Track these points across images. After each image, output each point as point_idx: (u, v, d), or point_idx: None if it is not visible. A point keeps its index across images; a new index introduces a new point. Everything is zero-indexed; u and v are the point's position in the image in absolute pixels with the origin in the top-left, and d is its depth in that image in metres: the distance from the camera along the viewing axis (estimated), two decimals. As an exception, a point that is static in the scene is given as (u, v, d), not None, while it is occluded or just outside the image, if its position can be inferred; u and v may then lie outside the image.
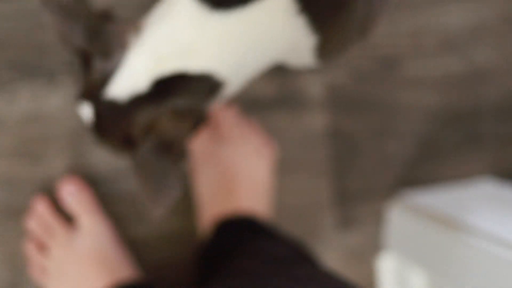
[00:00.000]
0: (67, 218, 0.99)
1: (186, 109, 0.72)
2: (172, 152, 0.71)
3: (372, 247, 1.06)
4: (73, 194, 0.94)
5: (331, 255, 1.05)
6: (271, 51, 0.71)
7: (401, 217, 0.99)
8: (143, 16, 0.96)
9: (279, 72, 1.02)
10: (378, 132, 1.04)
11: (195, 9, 0.67)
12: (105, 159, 0.99)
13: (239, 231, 0.88)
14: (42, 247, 0.94)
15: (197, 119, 0.72)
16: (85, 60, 0.72)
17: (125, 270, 0.92)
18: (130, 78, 0.71)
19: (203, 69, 0.70)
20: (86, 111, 0.73)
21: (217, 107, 0.96)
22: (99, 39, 0.71)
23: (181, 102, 0.71)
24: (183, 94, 0.71)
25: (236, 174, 0.94)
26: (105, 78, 0.71)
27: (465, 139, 1.06)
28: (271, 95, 1.02)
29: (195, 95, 0.73)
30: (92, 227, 0.93)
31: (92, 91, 0.71)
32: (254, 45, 0.69)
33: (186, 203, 1.01)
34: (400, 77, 1.05)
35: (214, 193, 0.94)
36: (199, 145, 0.96)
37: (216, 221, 0.92)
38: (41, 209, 0.95)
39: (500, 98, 1.06)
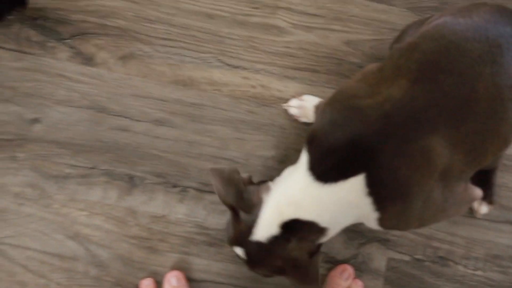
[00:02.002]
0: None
1: (305, 244, 1.03)
2: (303, 271, 1.03)
3: None
4: (176, 277, 1.22)
5: None
6: (351, 214, 1.02)
7: None
8: (270, 180, 1.27)
9: (358, 237, 1.31)
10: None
11: (306, 178, 0.99)
12: (202, 267, 1.27)
13: None
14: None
15: (314, 251, 1.03)
16: (234, 213, 1.03)
17: None
18: (266, 226, 1.01)
19: (310, 218, 1.00)
20: (239, 251, 1.03)
21: (334, 271, 1.26)
22: (244, 199, 1.02)
23: (302, 238, 1.02)
24: (301, 233, 1.02)
25: None
26: (250, 227, 1.01)
27: None
28: (347, 256, 1.31)
29: (309, 235, 1.03)
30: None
31: (241, 236, 1.02)
32: (340, 207, 1.00)
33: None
34: (451, 273, 1.32)
35: None
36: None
37: None
38: (145, 287, 1.23)
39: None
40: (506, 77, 0.98)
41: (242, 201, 1.05)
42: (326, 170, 1.00)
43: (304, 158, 1.03)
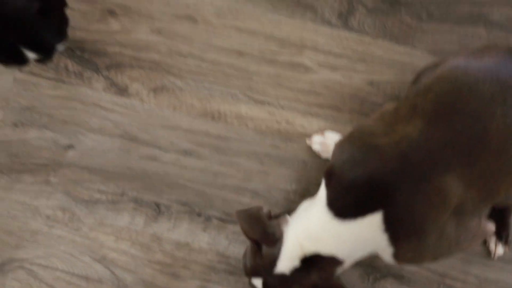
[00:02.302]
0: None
1: (324, 275, 1.08)
2: None
3: None
4: None
5: None
6: (368, 247, 1.06)
7: None
8: (288, 213, 1.32)
9: (373, 272, 1.36)
10: None
11: (325, 214, 1.04)
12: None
13: None
14: None
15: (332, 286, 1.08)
16: (257, 247, 1.08)
17: None
18: (288, 259, 1.07)
19: (329, 251, 1.05)
20: (258, 283, 1.08)
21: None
22: (268, 234, 1.08)
23: (322, 270, 1.07)
24: (321, 265, 1.07)
25: None
26: (273, 259, 1.07)
27: None
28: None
29: (328, 267, 1.08)
30: None
31: (262, 268, 1.07)
32: (357, 242, 1.05)
33: None
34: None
35: None
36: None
37: None
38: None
39: None
40: None
41: (267, 236, 1.10)
42: (345, 207, 1.05)
43: (322, 193, 1.09)
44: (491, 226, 1.19)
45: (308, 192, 1.36)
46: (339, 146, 1.12)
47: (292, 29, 1.44)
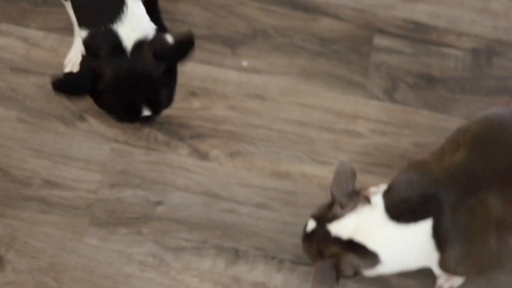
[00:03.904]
0: None
1: (356, 265, 1.24)
2: (337, 272, 1.28)
3: None
4: None
5: None
6: (413, 255, 1.26)
7: None
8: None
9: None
10: None
11: (381, 214, 1.26)
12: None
13: None
14: None
15: (356, 273, 1.29)
16: (333, 201, 1.29)
17: None
18: (343, 227, 1.26)
19: (374, 248, 1.24)
20: (311, 225, 1.26)
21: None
22: (346, 198, 1.27)
23: (356, 257, 1.25)
24: (358, 254, 1.24)
25: None
26: (334, 218, 1.27)
27: None
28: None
29: (363, 259, 1.25)
30: None
31: (323, 219, 1.27)
32: (405, 246, 1.26)
33: None
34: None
35: None
36: None
37: None
38: None
39: None
40: None
41: (344, 198, 1.31)
42: (400, 213, 1.26)
43: (378, 199, 1.30)
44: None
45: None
46: (399, 172, 1.35)
47: (346, 103, 1.72)
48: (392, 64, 1.78)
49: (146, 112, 1.42)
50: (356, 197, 1.33)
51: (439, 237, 1.26)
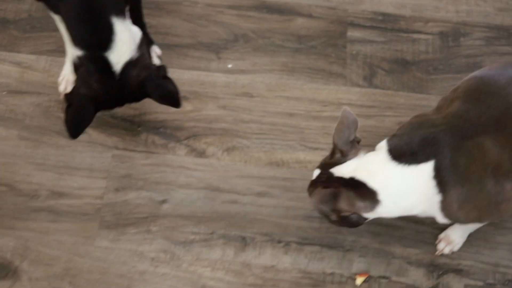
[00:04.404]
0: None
1: (354, 203, 1.34)
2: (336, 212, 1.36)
3: None
4: None
5: None
6: (413, 197, 1.34)
7: None
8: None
9: (436, 270, 1.59)
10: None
11: (385, 155, 1.34)
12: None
13: None
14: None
15: (357, 217, 1.36)
16: (333, 151, 1.37)
17: None
18: (344, 168, 1.35)
19: (374, 186, 1.32)
20: (315, 172, 1.34)
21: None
22: (348, 145, 1.35)
23: (355, 195, 1.33)
24: (360, 193, 1.33)
25: None
26: (337, 163, 1.34)
27: None
28: (430, 285, 1.58)
29: (363, 199, 1.33)
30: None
31: (326, 166, 1.35)
32: (405, 187, 1.33)
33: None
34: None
35: None
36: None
37: None
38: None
39: None
40: None
41: (345, 145, 1.39)
42: (402, 155, 1.35)
43: (383, 144, 1.39)
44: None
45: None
46: (402, 125, 1.44)
47: (329, 92, 1.82)
48: (367, 53, 1.90)
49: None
50: (357, 145, 1.41)
51: (440, 178, 1.34)
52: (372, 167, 1.37)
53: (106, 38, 1.46)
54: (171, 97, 1.53)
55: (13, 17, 1.91)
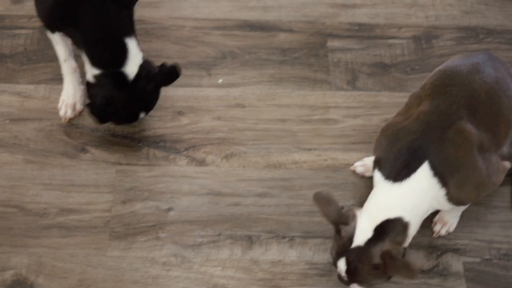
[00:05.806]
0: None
1: (396, 242, 1.37)
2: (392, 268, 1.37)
3: None
4: None
5: None
6: (426, 199, 1.41)
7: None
8: (357, 207, 1.67)
9: (435, 251, 1.66)
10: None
11: (386, 185, 1.41)
12: None
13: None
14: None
15: (403, 251, 1.39)
16: (337, 229, 1.41)
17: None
18: (362, 232, 1.39)
19: (396, 215, 1.38)
20: (342, 264, 1.39)
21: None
22: (342, 214, 1.41)
23: (393, 236, 1.38)
24: (392, 231, 1.38)
25: None
26: (350, 237, 1.39)
27: None
28: (430, 266, 1.65)
29: (397, 232, 1.39)
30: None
31: (344, 247, 1.39)
32: (417, 196, 1.40)
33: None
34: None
35: None
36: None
37: None
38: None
39: None
40: (489, 77, 1.48)
41: (341, 215, 1.43)
42: (398, 172, 1.42)
43: (377, 176, 1.45)
44: (507, 164, 1.56)
45: (364, 202, 1.71)
46: (376, 141, 1.52)
47: (316, 97, 1.91)
48: (348, 59, 2.01)
49: (142, 115, 1.72)
50: (347, 211, 1.44)
51: (439, 174, 1.42)
52: (383, 201, 1.41)
53: (122, 55, 1.65)
54: (173, 69, 1.70)
55: (9, 51, 1.98)
